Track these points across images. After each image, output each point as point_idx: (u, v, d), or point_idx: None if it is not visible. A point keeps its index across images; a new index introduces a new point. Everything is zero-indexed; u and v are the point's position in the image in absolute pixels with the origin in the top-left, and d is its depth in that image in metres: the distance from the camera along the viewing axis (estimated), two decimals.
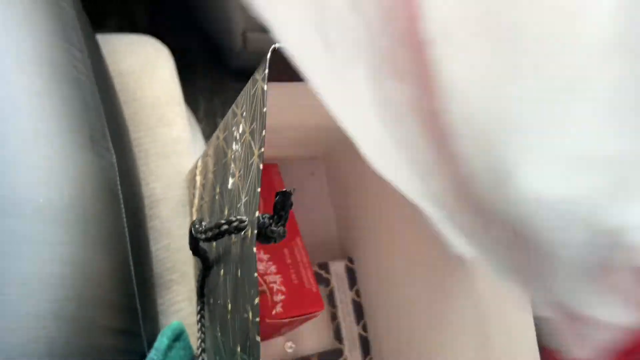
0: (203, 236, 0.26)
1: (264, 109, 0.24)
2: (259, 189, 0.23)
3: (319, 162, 0.53)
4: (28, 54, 0.37)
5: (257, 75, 0.26)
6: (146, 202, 0.48)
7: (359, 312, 0.49)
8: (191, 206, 0.46)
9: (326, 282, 0.49)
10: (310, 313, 0.42)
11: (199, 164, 0.44)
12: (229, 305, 0.28)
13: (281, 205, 0.24)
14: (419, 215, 0.40)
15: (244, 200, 0.26)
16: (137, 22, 0.90)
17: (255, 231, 0.23)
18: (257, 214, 0.23)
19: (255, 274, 0.22)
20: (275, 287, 0.42)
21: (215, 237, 0.25)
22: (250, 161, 0.25)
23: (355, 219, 0.50)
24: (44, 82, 0.37)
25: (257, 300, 0.22)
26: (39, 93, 0.37)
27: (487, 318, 0.35)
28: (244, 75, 0.50)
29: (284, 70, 0.27)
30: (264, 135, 0.23)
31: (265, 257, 0.43)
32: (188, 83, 0.89)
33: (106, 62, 0.48)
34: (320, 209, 0.53)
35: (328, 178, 0.53)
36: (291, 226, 0.45)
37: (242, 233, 0.25)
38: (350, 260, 0.50)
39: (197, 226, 0.27)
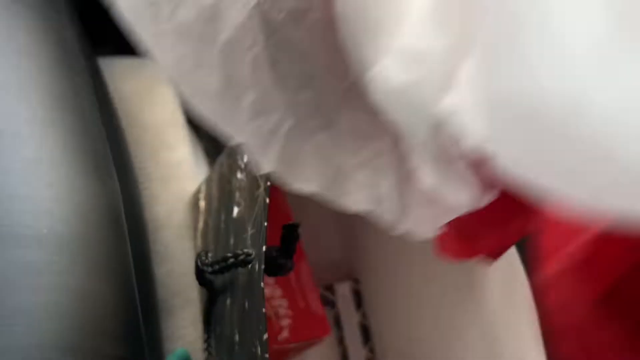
0: (210, 269, 0.26)
1: None
2: (266, 224, 0.23)
3: None
4: (30, 83, 0.37)
5: None
6: (149, 226, 0.47)
7: (366, 334, 0.49)
8: (195, 230, 0.46)
9: (332, 304, 0.49)
10: (317, 337, 0.42)
11: (203, 188, 0.44)
12: (236, 337, 0.27)
13: (289, 238, 0.24)
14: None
15: (250, 233, 0.26)
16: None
17: (263, 266, 0.23)
18: (264, 248, 0.23)
19: (263, 310, 0.22)
20: (282, 311, 0.42)
21: (222, 271, 0.25)
22: (256, 194, 0.25)
23: (360, 238, 0.49)
24: (47, 110, 0.37)
25: (266, 336, 0.22)
26: (41, 121, 0.36)
27: (497, 339, 0.34)
28: None
29: None
30: None
31: (271, 280, 0.43)
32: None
33: (108, 87, 0.48)
34: (324, 229, 0.52)
35: None
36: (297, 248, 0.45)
37: (249, 266, 0.24)
38: (356, 281, 0.50)
39: (203, 258, 0.26)
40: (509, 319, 0.33)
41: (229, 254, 0.24)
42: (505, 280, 0.32)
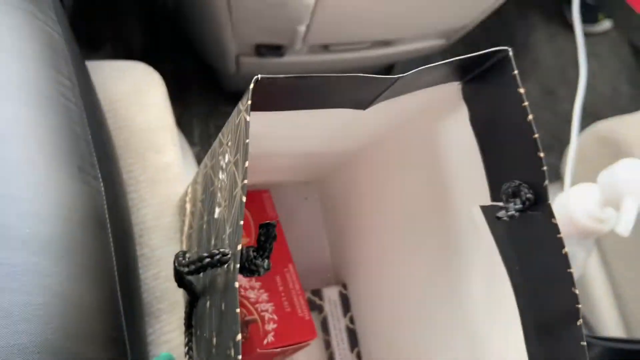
0: (186, 269, 0.25)
1: (247, 141, 0.23)
2: (241, 222, 0.22)
3: (313, 186, 0.53)
4: (16, 84, 0.37)
5: (241, 106, 0.25)
6: (136, 229, 0.47)
7: (353, 339, 0.48)
8: (181, 234, 0.46)
9: (319, 308, 0.49)
10: (302, 342, 0.42)
11: (189, 190, 0.43)
12: (214, 339, 0.27)
13: (265, 238, 0.23)
14: (413, 240, 0.40)
15: (228, 232, 0.25)
16: (132, 46, 0.90)
17: (238, 265, 0.22)
18: (239, 247, 0.23)
19: (237, 310, 0.22)
20: (267, 315, 0.42)
21: (198, 271, 0.24)
22: (235, 192, 0.25)
23: (349, 243, 0.49)
24: (32, 111, 0.37)
25: (239, 337, 0.22)
26: (27, 122, 0.36)
27: (479, 339, 0.34)
28: (238, 99, 0.50)
29: (271, 100, 0.27)
30: (247, 167, 0.23)
31: (256, 284, 0.43)
32: (183, 106, 0.89)
33: (95, 90, 0.48)
34: (313, 234, 0.52)
35: (322, 203, 0.52)
36: (283, 252, 0.45)
37: (225, 266, 0.24)
38: (344, 286, 0.50)
39: (180, 259, 0.26)
40: (490, 319, 0.32)
41: (205, 254, 0.24)
42: (486, 282, 0.32)
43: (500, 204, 0.29)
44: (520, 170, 0.28)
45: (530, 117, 0.27)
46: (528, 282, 0.29)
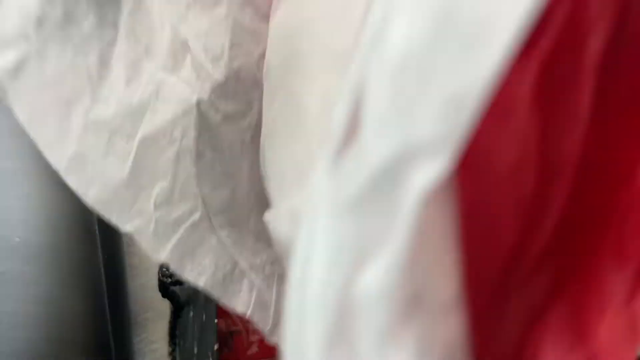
0: (169, 280, 0.26)
1: None
2: None
3: None
4: None
5: None
6: (125, 239, 0.48)
7: None
8: None
9: None
10: None
11: None
12: (195, 349, 0.28)
13: None
14: None
15: None
16: None
17: None
18: None
19: (215, 320, 0.22)
20: (252, 326, 0.42)
21: (181, 282, 0.25)
22: None
23: None
24: None
25: (216, 347, 0.22)
26: (18, 134, 0.37)
27: None
28: None
29: None
30: None
31: None
32: None
33: None
34: None
35: None
36: None
37: None
38: None
39: (164, 269, 0.27)
40: None
41: None
42: None
43: None
44: None
45: None
46: None
